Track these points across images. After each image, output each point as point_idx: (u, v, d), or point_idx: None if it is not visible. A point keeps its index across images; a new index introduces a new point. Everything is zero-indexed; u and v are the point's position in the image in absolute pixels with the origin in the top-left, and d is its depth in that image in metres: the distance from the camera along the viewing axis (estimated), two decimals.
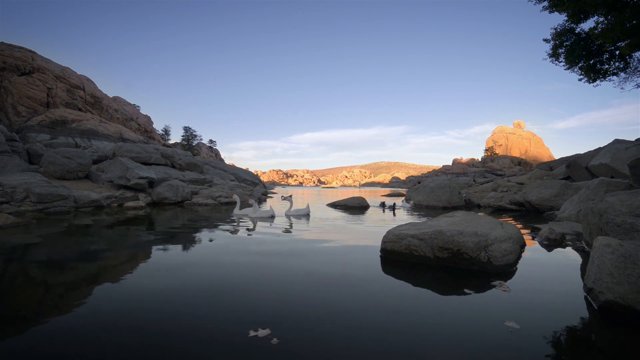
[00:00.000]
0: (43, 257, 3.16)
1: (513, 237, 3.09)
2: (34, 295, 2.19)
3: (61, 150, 10.42)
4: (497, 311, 1.92)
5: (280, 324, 1.68)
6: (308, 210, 7.01)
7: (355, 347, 1.49)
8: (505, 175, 32.55)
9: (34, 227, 4.85)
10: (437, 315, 1.87)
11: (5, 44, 24.31)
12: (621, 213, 2.98)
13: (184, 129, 52.47)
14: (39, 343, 1.51)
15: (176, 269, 2.76)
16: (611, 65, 10.54)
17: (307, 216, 6.77)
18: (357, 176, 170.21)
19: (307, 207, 7.05)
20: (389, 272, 2.76)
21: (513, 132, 79.75)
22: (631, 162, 5.58)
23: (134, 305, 1.95)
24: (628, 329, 1.68)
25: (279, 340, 1.51)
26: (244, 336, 1.55)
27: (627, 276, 1.82)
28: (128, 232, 4.72)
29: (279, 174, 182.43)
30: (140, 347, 1.47)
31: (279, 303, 2.00)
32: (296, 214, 6.72)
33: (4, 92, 22.73)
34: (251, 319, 1.76)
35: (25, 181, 7.57)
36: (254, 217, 6.45)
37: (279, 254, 3.41)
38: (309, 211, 7.05)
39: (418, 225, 3.57)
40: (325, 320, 1.76)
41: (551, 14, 10.00)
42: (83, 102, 28.30)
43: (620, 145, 9.24)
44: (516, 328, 1.67)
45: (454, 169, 58.82)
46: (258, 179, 24.47)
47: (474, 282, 2.45)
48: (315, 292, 2.23)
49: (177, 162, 15.65)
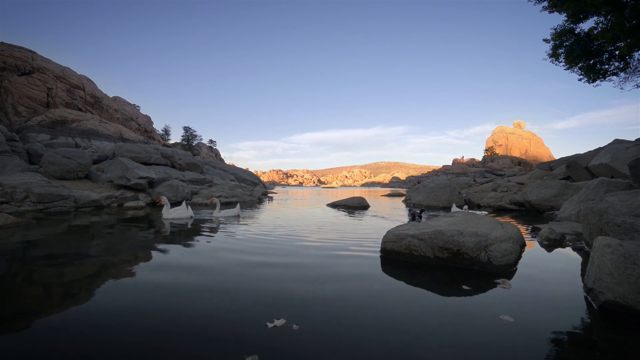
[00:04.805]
0: (43, 257, 3.16)
1: (513, 237, 3.09)
2: (34, 295, 2.18)
3: (61, 150, 10.42)
4: (497, 311, 1.91)
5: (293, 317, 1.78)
6: (238, 211, 6.94)
7: (354, 346, 1.50)
8: (505, 175, 32.55)
9: (34, 227, 4.85)
10: (438, 314, 1.87)
11: (5, 44, 24.30)
12: (621, 213, 2.98)
13: (184, 129, 52.47)
14: (39, 342, 1.51)
15: (179, 268, 2.76)
16: (611, 65, 10.54)
17: (237, 217, 6.67)
18: (357, 176, 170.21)
19: (237, 208, 6.99)
20: (388, 272, 2.75)
21: (513, 132, 79.75)
22: (631, 162, 5.58)
23: (128, 305, 1.95)
24: (628, 329, 1.68)
25: (298, 326, 1.66)
26: (264, 327, 1.65)
27: (627, 276, 1.82)
28: (128, 232, 4.72)
29: (279, 174, 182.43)
30: (140, 348, 1.48)
31: (280, 301, 2.00)
32: (225, 215, 6.67)
33: (4, 92, 22.72)
34: (264, 312, 1.84)
35: (25, 181, 7.56)
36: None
37: (279, 255, 3.40)
38: (239, 212, 6.98)
39: (418, 225, 3.57)
40: (328, 314, 1.77)
41: (551, 14, 10.00)
42: (83, 102, 28.29)
43: (620, 145, 9.23)
44: (515, 326, 1.67)
45: (454, 169, 58.81)
46: (258, 179, 24.46)
47: (474, 282, 2.45)
48: (315, 291, 2.23)
49: (177, 162, 15.64)
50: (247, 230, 5.00)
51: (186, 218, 6.25)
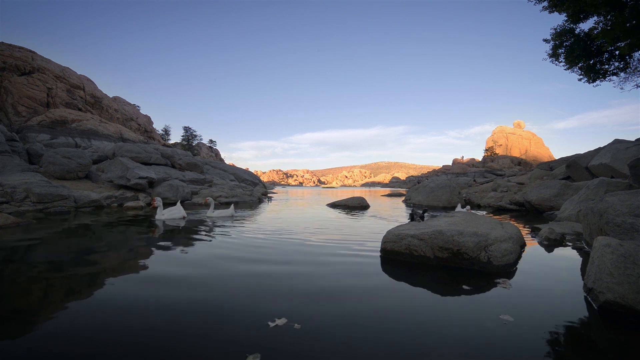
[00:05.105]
0: (43, 257, 3.16)
1: (513, 237, 3.09)
2: (34, 295, 2.18)
3: (61, 150, 10.42)
4: (497, 311, 1.91)
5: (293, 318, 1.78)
6: (232, 211, 6.92)
7: (355, 345, 1.50)
8: (505, 175, 32.55)
9: (34, 227, 4.85)
10: (438, 314, 1.87)
11: (5, 44, 24.29)
12: (621, 213, 2.98)
13: (184, 129, 52.46)
14: (38, 342, 1.51)
15: (178, 269, 2.76)
16: (611, 65, 10.55)
17: (231, 218, 6.64)
18: (357, 176, 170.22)
19: (231, 209, 6.97)
20: (389, 272, 2.76)
21: (513, 132, 79.74)
22: (631, 162, 5.58)
23: (129, 304, 1.95)
24: (628, 329, 1.68)
25: (300, 325, 1.67)
26: (266, 327, 1.66)
27: (627, 276, 1.83)
28: (128, 232, 4.72)
29: (279, 174, 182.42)
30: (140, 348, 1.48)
31: (281, 301, 2.00)
32: (219, 215, 6.66)
33: (4, 92, 22.72)
34: (265, 312, 1.85)
35: (25, 181, 7.57)
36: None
37: (279, 254, 3.41)
38: (233, 212, 6.96)
39: (418, 225, 3.57)
40: (329, 314, 1.77)
41: (551, 14, 10.01)
42: (83, 102, 28.29)
43: (620, 145, 9.24)
44: (515, 326, 1.67)
45: (454, 169, 58.80)
46: (258, 179, 24.46)
47: (474, 281, 2.45)
48: (315, 291, 2.23)
49: (177, 162, 15.65)
50: (247, 230, 5.00)
51: (179, 218, 6.22)
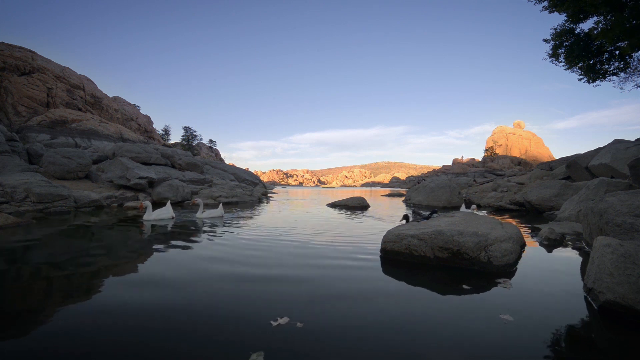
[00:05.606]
0: (43, 257, 3.16)
1: (513, 237, 3.09)
2: (34, 295, 2.19)
3: (61, 150, 10.42)
4: (497, 310, 1.91)
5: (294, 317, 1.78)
6: (221, 212, 6.87)
7: (356, 345, 1.50)
8: (505, 175, 32.55)
9: (34, 227, 4.85)
10: (438, 314, 1.87)
11: (5, 44, 24.30)
12: (621, 213, 2.98)
13: (184, 129, 52.50)
14: (38, 342, 1.51)
15: (179, 268, 2.76)
16: (611, 65, 10.55)
17: (221, 218, 6.59)
18: (357, 176, 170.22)
19: (220, 209, 6.91)
20: (389, 272, 2.76)
21: (513, 132, 79.75)
22: (631, 162, 5.58)
23: (129, 304, 1.95)
24: (628, 329, 1.69)
25: (302, 324, 1.69)
26: (269, 326, 1.67)
27: (627, 276, 1.83)
28: (128, 232, 4.72)
29: (279, 174, 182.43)
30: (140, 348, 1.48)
31: (283, 301, 2.00)
32: (209, 216, 6.60)
33: (4, 92, 22.72)
34: (267, 311, 1.86)
35: (25, 181, 7.57)
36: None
37: (279, 255, 3.41)
38: (222, 213, 6.90)
39: (418, 225, 3.58)
40: (329, 314, 1.77)
41: (551, 14, 10.01)
42: (83, 102, 28.29)
43: (620, 145, 9.23)
44: (515, 326, 1.67)
45: (454, 169, 58.81)
46: (258, 179, 24.46)
47: (474, 281, 2.45)
48: (316, 291, 2.23)
49: (177, 162, 15.65)
50: (247, 230, 5.00)
51: (167, 219, 6.14)
